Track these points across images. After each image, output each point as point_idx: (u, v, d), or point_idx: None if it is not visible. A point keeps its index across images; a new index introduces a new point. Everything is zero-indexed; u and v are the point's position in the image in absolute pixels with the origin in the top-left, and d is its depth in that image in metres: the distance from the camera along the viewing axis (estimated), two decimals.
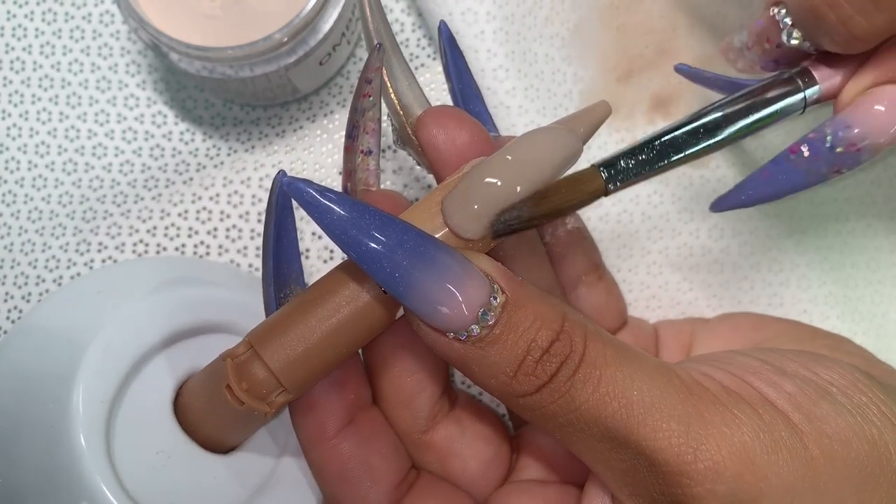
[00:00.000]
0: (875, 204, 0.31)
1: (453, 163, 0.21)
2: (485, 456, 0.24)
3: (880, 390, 0.20)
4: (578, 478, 0.23)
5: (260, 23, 0.27)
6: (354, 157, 0.23)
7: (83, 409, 0.23)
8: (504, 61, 0.29)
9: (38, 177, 0.31)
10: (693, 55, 0.31)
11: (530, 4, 0.30)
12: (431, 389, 0.23)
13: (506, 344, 0.18)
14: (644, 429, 0.18)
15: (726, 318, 0.28)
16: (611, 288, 0.26)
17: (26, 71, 0.31)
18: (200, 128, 0.31)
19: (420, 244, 0.18)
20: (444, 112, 0.21)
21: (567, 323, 0.19)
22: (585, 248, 0.26)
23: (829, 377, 0.20)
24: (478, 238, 0.20)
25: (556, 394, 0.18)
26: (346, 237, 0.18)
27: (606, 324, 0.26)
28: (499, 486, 0.24)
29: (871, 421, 0.19)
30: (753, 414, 0.18)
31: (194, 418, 0.24)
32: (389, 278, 0.18)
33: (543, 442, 0.24)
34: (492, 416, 0.25)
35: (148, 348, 0.24)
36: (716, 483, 0.18)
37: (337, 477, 0.22)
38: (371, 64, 0.22)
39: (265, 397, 0.20)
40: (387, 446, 0.22)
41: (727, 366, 0.20)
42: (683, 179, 0.30)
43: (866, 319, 0.31)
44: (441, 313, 0.18)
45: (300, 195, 0.18)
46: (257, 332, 0.20)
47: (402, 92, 0.24)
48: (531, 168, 0.20)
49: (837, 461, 0.18)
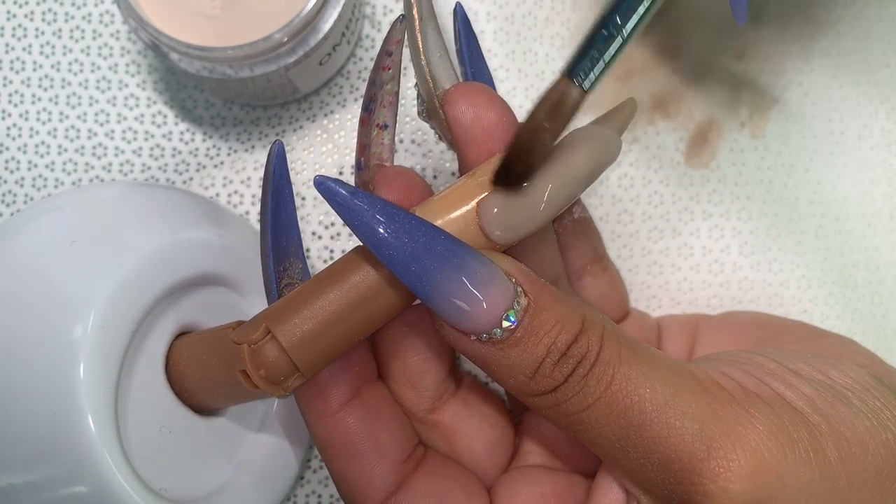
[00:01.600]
0: (875, 204, 0.31)
1: (479, 142, 0.20)
2: (490, 437, 0.24)
3: (892, 395, 0.20)
4: (582, 465, 0.24)
5: (260, 23, 0.27)
6: (370, 130, 0.23)
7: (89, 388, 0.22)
8: (504, 61, 0.29)
9: (38, 177, 0.31)
10: (692, 55, 0.31)
11: (530, 4, 0.30)
12: (437, 369, 0.22)
13: (527, 346, 0.18)
14: (657, 426, 0.18)
15: (731, 315, 0.28)
16: (614, 279, 0.26)
17: (26, 71, 0.31)
18: (200, 128, 0.31)
19: (448, 249, 0.18)
20: (475, 89, 0.21)
21: (586, 324, 0.19)
22: (591, 238, 0.26)
23: (844, 381, 0.20)
24: (508, 244, 0.20)
25: (570, 392, 0.19)
26: (374, 239, 0.18)
27: (609, 314, 0.26)
28: (503, 468, 0.24)
29: (886, 425, 0.19)
30: (771, 414, 0.18)
31: (189, 386, 0.23)
32: (416, 281, 0.18)
33: (545, 428, 0.24)
34: (496, 400, 0.25)
35: (144, 315, 0.23)
36: (729, 481, 0.17)
37: (342, 451, 0.21)
38: (392, 36, 0.22)
39: (281, 382, 0.20)
40: (393, 421, 0.22)
41: (746, 366, 0.20)
42: (684, 180, 0.30)
43: (866, 319, 0.31)
44: (465, 317, 0.18)
45: (332, 196, 0.18)
46: (272, 316, 0.20)
47: (433, 62, 0.23)
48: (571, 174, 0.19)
49: (855, 464, 0.18)
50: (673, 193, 0.30)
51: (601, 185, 0.30)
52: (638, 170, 0.30)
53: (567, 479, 0.23)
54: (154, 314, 0.24)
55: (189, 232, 0.25)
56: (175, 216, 0.26)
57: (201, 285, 0.25)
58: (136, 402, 0.23)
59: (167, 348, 0.24)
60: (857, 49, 0.31)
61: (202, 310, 0.25)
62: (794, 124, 0.31)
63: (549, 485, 0.23)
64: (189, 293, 0.25)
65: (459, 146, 0.21)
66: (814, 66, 0.31)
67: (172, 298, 0.24)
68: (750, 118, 0.31)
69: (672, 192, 0.30)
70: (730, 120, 0.31)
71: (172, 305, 0.24)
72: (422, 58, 0.23)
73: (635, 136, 0.31)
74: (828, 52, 0.31)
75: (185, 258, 0.24)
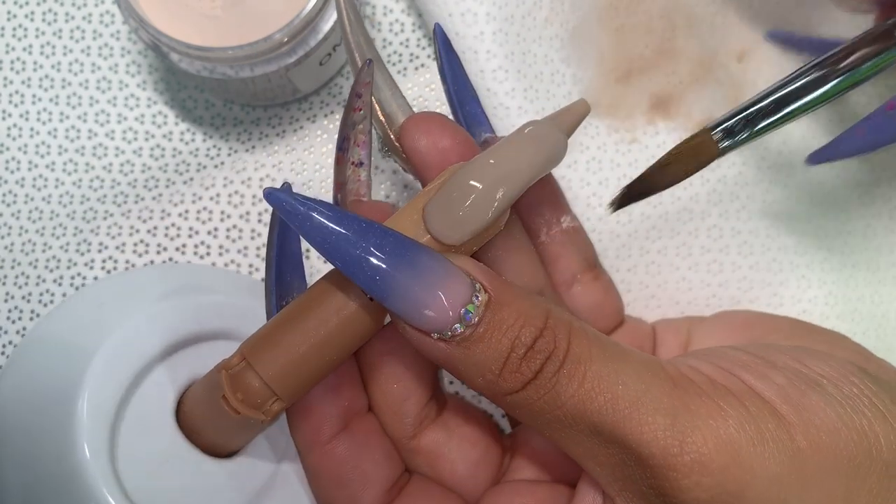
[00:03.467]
0: (875, 204, 0.31)
1: (437, 167, 0.21)
2: (473, 458, 0.24)
3: (872, 382, 0.20)
4: (571, 477, 0.24)
5: (260, 23, 0.27)
6: (345, 168, 0.24)
7: (87, 420, 0.23)
8: (503, 62, 0.29)
9: (39, 177, 0.31)
10: (692, 55, 0.31)
11: (530, 5, 0.30)
12: (418, 395, 0.23)
13: (490, 342, 0.18)
14: (630, 423, 0.18)
15: (723, 315, 0.28)
16: (607, 287, 0.26)
17: (27, 71, 0.31)
18: (201, 128, 0.32)
19: (399, 246, 0.18)
20: (427, 118, 0.22)
21: (550, 319, 0.19)
22: (581, 247, 0.26)
23: (821, 369, 0.20)
24: (459, 244, 0.20)
25: (542, 390, 0.19)
26: (326, 244, 0.18)
27: (603, 322, 0.26)
28: (489, 486, 0.24)
29: (861, 412, 0.19)
30: (740, 406, 0.19)
31: (196, 425, 0.24)
32: (371, 282, 0.18)
33: (536, 442, 0.24)
34: (481, 419, 0.25)
35: (149, 359, 0.25)
36: (702, 475, 0.18)
37: (330, 481, 0.22)
38: (361, 79, 0.23)
39: (260, 406, 0.20)
40: (379, 452, 0.23)
41: (717, 359, 0.21)
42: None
43: (866, 319, 0.31)
44: (424, 314, 0.18)
45: (279, 204, 0.18)
46: (249, 344, 0.21)
47: (385, 101, 0.24)
48: (513, 170, 0.20)
49: (825, 452, 0.18)
50: (672, 193, 0.30)
51: (600, 186, 0.30)
52: (637, 170, 0.30)
53: (551, 490, 0.23)
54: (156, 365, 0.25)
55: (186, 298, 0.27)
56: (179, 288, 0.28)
57: (207, 340, 0.27)
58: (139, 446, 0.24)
59: (177, 398, 0.25)
60: None
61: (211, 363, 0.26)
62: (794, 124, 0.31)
63: (531, 496, 0.23)
64: (195, 347, 0.26)
65: (420, 172, 0.22)
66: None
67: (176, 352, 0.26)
68: None
69: (671, 192, 0.30)
70: None
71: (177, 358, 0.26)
72: (372, 100, 0.24)
73: (635, 137, 0.31)
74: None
75: (186, 317, 0.26)
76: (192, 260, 0.31)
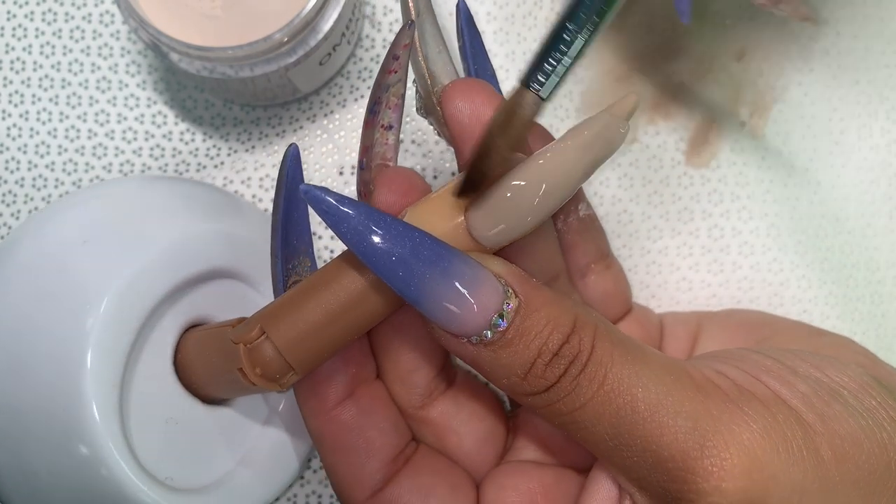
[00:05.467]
0: (874, 204, 0.31)
1: (475, 137, 0.20)
2: (480, 433, 0.24)
3: (889, 395, 0.20)
4: (575, 460, 0.24)
5: (260, 23, 0.27)
6: (374, 132, 0.23)
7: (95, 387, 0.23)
8: (504, 62, 0.29)
9: (39, 177, 0.31)
10: (692, 55, 0.31)
11: (530, 5, 0.30)
12: (427, 368, 0.23)
13: (517, 348, 0.18)
14: (650, 425, 0.18)
15: (733, 312, 0.28)
16: (618, 276, 0.26)
17: (26, 71, 0.31)
18: (201, 128, 0.32)
19: (435, 254, 0.18)
20: (473, 85, 0.21)
21: (578, 324, 0.19)
22: (595, 236, 0.26)
23: (840, 380, 0.20)
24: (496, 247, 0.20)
25: (563, 392, 0.19)
26: (362, 246, 0.18)
27: (613, 311, 0.26)
28: (495, 463, 0.24)
29: (882, 425, 0.19)
30: (765, 412, 0.18)
31: (197, 379, 0.24)
32: (404, 286, 0.18)
33: (539, 423, 0.24)
34: (488, 395, 0.25)
35: (153, 309, 0.24)
36: (722, 480, 0.18)
37: (334, 447, 0.22)
38: (400, 40, 0.22)
39: (277, 380, 0.20)
40: (385, 420, 0.23)
41: (741, 363, 0.20)
42: (684, 179, 0.31)
43: (866, 319, 0.31)
44: (455, 320, 0.18)
45: (318, 203, 0.18)
46: (267, 317, 0.20)
47: (431, 58, 0.23)
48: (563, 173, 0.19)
49: (848, 463, 0.18)
50: (673, 193, 0.30)
51: (601, 186, 0.30)
52: (638, 169, 0.30)
53: (557, 474, 0.23)
54: (163, 308, 0.25)
55: (200, 225, 0.26)
56: (187, 210, 0.27)
57: (212, 279, 0.26)
58: (144, 393, 0.24)
59: (176, 341, 0.25)
60: (857, 49, 0.31)
61: (213, 302, 0.26)
62: (794, 124, 0.31)
63: (536, 479, 0.23)
64: (199, 287, 0.26)
65: (457, 143, 0.21)
66: (814, 65, 0.31)
67: (182, 292, 0.25)
68: (750, 118, 0.31)
69: (672, 192, 0.30)
70: (730, 120, 0.31)
71: (182, 299, 0.25)
72: (419, 54, 0.23)
73: (635, 137, 0.31)
74: (827, 51, 0.31)
75: (195, 253, 0.25)
76: None
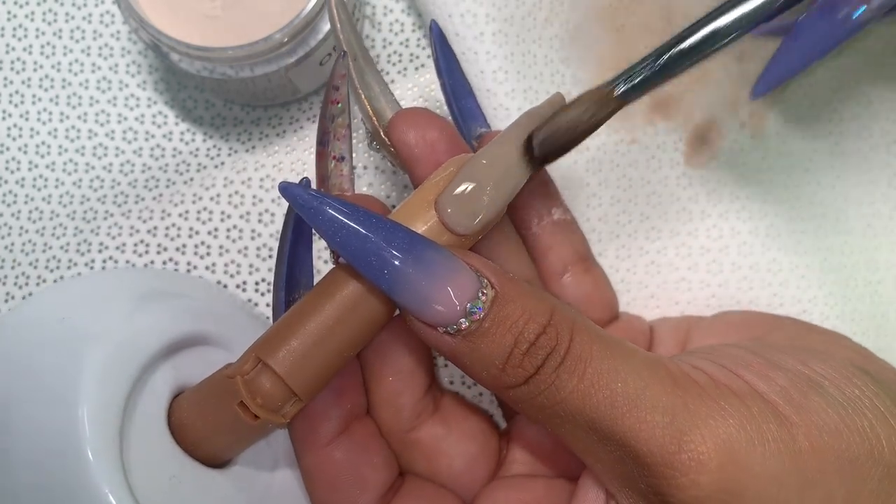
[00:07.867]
0: (874, 204, 0.31)
1: (425, 159, 0.22)
2: (470, 453, 0.24)
3: (874, 383, 0.20)
4: (568, 470, 0.24)
5: (260, 23, 0.27)
6: (327, 163, 0.24)
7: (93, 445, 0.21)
8: (503, 63, 0.29)
9: (39, 177, 0.31)
10: None
11: (529, 6, 0.30)
12: (413, 389, 0.23)
13: (494, 337, 0.19)
14: (628, 420, 0.18)
15: (723, 315, 0.28)
16: (598, 280, 0.27)
17: (27, 71, 0.31)
18: (201, 128, 0.32)
19: (409, 242, 0.19)
20: (414, 112, 0.22)
21: (555, 316, 0.19)
22: (572, 240, 0.26)
23: (823, 370, 0.20)
24: (471, 234, 0.20)
25: (543, 385, 0.19)
26: (337, 237, 0.19)
27: (593, 315, 0.26)
28: (487, 480, 0.24)
29: (863, 413, 0.19)
30: (741, 406, 0.19)
31: (194, 437, 0.23)
32: (380, 275, 0.19)
33: (533, 434, 0.24)
34: (478, 414, 0.25)
35: (141, 369, 0.23)
36: (700, 474, 0.18)
37: (327, 484, 0.22)
38: (337, 71, 0.23)
39: (280, 409, 0.20)
40: (378, 456, 0.23)
41: (719, 358, 0.21)
42: (683, 180, 0.30)
43: (866, 319, 0.31)
44: (431, 308, 0.19)
45: (294, 198, 0.19)
46: (263, 345, 0.20)
47: (373, 97, 0.25)
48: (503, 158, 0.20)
49: (827, 453, 0.18)
50: (671, 194, 0.30)
51: (600, 186, 0.30)
52: (637, 170, 0.30)
53: (549, 485, 0.23)
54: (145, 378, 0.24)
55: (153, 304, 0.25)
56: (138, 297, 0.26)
57: (187, 347, 0.25)
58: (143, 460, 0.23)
59: (167, 408, 0.24)
60: (857, 49, 0.31)
61: (196, 371, 0.25)
62: (794, 124, 0.31)
63: (528, 491, 0.23)
64: (180, 356, 0.25)
65: (408, 166, 0.22)
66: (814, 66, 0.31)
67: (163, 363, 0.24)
68: (750, 118, 0.31)
69: (671, 193, 0.30)
70: (730, 120, 0.31)
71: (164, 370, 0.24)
72: (361, 95, 0.25)
73: (635, 137, 0.31)
74: None
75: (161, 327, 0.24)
76: (192, 260, 0.31)
